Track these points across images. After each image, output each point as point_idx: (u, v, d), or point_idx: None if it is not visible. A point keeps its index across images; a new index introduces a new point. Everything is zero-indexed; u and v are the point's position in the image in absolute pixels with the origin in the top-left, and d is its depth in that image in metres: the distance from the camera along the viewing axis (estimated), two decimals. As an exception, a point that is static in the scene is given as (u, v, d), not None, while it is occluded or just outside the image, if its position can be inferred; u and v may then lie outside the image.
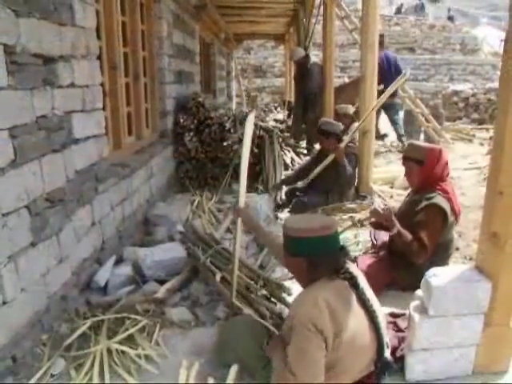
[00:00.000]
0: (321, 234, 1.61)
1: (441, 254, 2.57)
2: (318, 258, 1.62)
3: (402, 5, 26.92)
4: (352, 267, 1.70)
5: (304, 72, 6.83)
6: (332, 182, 4.11)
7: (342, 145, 4.08)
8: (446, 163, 2.60)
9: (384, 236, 2.86)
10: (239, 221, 2.30)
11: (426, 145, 2.74)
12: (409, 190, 2.93)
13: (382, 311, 1.69)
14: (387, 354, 1.64)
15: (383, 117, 7.66)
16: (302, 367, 1.45)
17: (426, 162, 2.55)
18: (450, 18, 25.72)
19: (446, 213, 2.46)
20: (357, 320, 1.57)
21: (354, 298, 1.61)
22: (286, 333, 1.62)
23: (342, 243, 1.73)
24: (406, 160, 2.66)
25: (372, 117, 4.52)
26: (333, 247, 1.65)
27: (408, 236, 2.47)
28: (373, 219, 2.76)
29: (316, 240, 1.61)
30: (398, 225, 2.49)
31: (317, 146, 5.34)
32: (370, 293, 1.66)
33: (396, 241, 2.54)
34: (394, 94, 5.88)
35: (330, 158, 4.07)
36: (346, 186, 4.21)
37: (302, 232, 1.62)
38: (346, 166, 4.03)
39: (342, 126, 4.39)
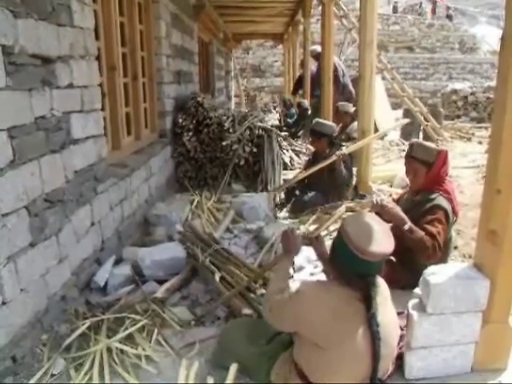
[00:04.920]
0: (362, 255, 1.54)
1: (439, 252, 2.57)
2: (344, 267, 1.61)
3: (396, 2, 26.85)
4: (377, 288, 1.61)
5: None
6: (329, 183, 4.13)
7: (345, 151, 4.10)
8: (449, 165, 2.56)
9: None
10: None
11: (433, 146, 2.59)
12: (406, 189, 2.90)
13: (392, 342, 1.65)
14: None
15: (383, 116, 7.67)
16: (279, 314, 1.72)
17: (434, 165, 2.47)
18: (449, 17, 25.72)
19: (448, 213, 2.45)
20: (351, 335, 1.54)
21: (359, 315, 1.56)
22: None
23: (373, 271, 1.62)
24: (412, 160, 2.53)
25: (370, 116, 4.53)
26: (363, 270, 1.59)
27: (420, 232, 2.36)
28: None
29: (355, 257, 1.55)
30: (408, 221, 2.38)
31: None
32: (384, 318, 1.56)
33: (407, 238, 2.38)
34: None
35: (332, 159, 4.07)
36: (343, 186, 4.22)
37: (350, 241, 1.56)
38: (342, 171, 4.05)
39: (335, 127, 4.40)
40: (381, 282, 1.67)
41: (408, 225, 2.37)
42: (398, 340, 1.74)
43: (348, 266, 1.59)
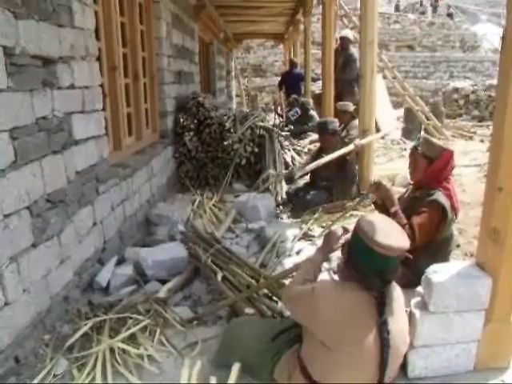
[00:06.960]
0: (379, 248, 1.53)
1: (441, 250, 2.56)
2: (361, 265, 1.59)
3: (399, 1, 26.86)
4: (392, 292, 1.63)
5: (341, 58, 6.93)
6: (335, 178, 4.12)
7: (363, 141, 4.15)
8: (453, 167, 2.54)
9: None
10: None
11: (441, 144, 2.57)
12: (409, 186, 2.90)
13: (400, 350, 1.63)
14: None
15: (384, 115, 7.67)
16: (296, 304, 1.76)
17: (435, 162, 2.48)
18: (450, 15, 25.67)
19: (446, 209, 2.45)
20: (360, 339, 1.53)
21: (370, 320, 1.54)
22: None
23: (390, 268, 1.60)
24: (416, 152, 2.57)
25: (371, 115, 4.53)
26: (380, 267, 1.57)
27: (403, 220, 2.42)
28: (375, 199, 2.71)
29: (371, 253, 1.54)
30: (397, 205, 2.48)
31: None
32: (395, 326, 1.56)
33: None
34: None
35: (349, 148, 4.07)
36: (349, 182, 4.22)
37: (365, 236, 1.56)
38: (354, 163, 4.12)
39: (338, 123, 4.45)
40: (397, 288, 1.67)
41: (395, 208, 2.47)
42: (406, 348, 1.72)
43: (365, 264, 1.58)
